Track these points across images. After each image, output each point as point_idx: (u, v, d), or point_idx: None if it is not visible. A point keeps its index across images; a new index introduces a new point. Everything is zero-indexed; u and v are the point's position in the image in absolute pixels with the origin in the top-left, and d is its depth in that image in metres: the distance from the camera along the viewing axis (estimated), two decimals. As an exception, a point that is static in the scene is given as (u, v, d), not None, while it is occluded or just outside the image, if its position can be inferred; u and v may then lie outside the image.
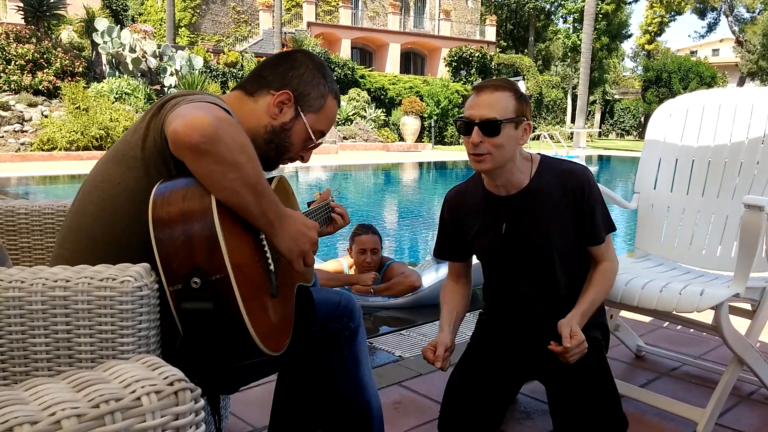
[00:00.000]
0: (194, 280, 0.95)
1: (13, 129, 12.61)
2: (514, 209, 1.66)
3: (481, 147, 1.54)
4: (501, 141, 1.53)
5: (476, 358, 1.74)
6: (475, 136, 1.53)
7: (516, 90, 1.58)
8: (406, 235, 6.77)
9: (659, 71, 30.99)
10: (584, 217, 1.64)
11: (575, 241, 1.67)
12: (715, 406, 1.81)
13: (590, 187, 1.64)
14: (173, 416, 0.64)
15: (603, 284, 1.67)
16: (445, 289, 1.83)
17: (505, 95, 1.55)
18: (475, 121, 1.54)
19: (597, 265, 1.70)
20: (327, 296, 1.37)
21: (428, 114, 20.89)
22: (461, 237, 1.77)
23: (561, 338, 1.52)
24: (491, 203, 1.70)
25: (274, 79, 1.25)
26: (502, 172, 1.61)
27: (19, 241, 1.59)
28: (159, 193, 0.99)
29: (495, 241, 1.69)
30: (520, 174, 1.64)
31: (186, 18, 25.74)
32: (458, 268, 1.83)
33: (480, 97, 1.56)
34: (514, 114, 1.55)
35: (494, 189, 1.68)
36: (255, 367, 1.29)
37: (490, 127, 1.52)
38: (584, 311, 1.59)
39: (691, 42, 50.68)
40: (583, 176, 1.65)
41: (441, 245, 1.84)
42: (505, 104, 1.54)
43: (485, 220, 1.71)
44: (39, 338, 0.92)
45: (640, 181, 2.44)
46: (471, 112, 1.55)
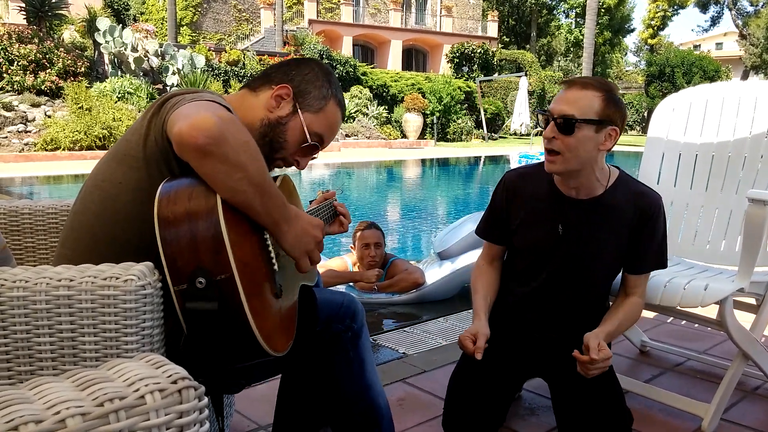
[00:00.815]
0: (199, 280, 0.95)
1: (17, 129, 12.65)
2: (578, 215, 1.61)
3: (553, 143, 1.49)
4: (575, 141, 1.47)
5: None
6: (549, 130, 1.49)
7: (608, 91, 1.49)
8: (409, 232, 6.77)
9: (662, 66, 30.86)
10: (640, 242, 1.60)
11: (618, 263, 1.65)
12: (720, 401, 1.81)
13: (659, 215, 1.61)
14: (177, 414, 0.64)
15: (631, 316, 1.65)
16: (479, 271, 1.76)
17: (593, 94, 1.47)
18: (553, 116, 1.49)
19: (627, 296, 1.66)
20: (330, 297, 1.36)
21: (430, 111, 20.85)
22: (508, 220, 1.71)
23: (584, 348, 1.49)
24: (556, 200, 1.63)
25: (277, 75, 1.26)
26: (576, 176, 1.55)
27: (23, 240, 1.59)
28: (164, 192, 0.99)
29: (548, 239, 1.63)
30: (596, 182, 1.58)
31: (187, 17, 25.76)
32: (495, 251, 1.77)
33: (567, 92, 1.50)
34: (597, 116, 1.47)
35: (564, 188, 1.62)
36: (259, 367, 1.29)
37: (566, 124, 1.46)
38: (610, 332, 1.56)
39: (695, 36, 50.52)
40: (657, 203, 1.61)
41: (486, 225, 1.77)
42: (589, 104, 1.46)
43: (542, 214, 1.65)
44: (43, 337, 0.93)
45: (643, 176, 2.43)
46: (553, 106, 1.50)
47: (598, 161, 1.55)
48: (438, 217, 7.87)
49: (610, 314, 1.62)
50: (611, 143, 1.52)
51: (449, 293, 3.69)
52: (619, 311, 1.63)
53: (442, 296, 3.66)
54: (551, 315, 1.68)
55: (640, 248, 1.61)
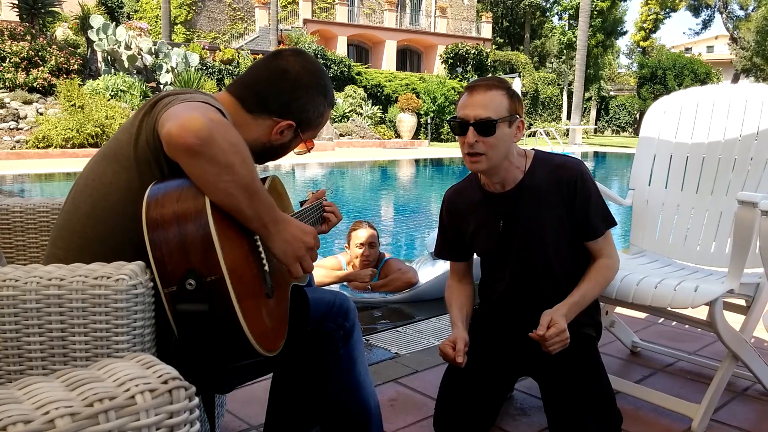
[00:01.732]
0: (189, 282, 0.95)
1: (9, 127, 12.56)
2: (510, 206, 1.67)
3: (476, 146, 1.54)
4: (495, 140, 1.54)
5: (471, 355, 1.74)
6: (471, 136, 1.53)
7: (508, 88, 1.59)
8: (403, 232, 6.78)
9: (654, 68, 31.03)
10: (578, 210, 1.63)
11: (571, 237, 1.67)
12: (710, 402, 1.82)
13: (583, 179, 1.63)
14: (167, 414, 0.64)
15: (597, 280, 1.65)
16: (450, 290, 1.82)
17: (498, 94, 1.55)
18: (469, 121, 1.53)
19: (593, 261, 1.69)
20: (321, 296, 1.37)
21: (424, 111, 20.88)
22: (460, 236, 1.77)
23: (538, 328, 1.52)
24: (488, 201, 1.70)
25: (276, 105, 1.23)
26: (498, 171, 1.62)
27: (14, 239, 1.58)
28: (152, 195, 0.99)
29: (493, 238, 1.69)
30: (515, 170, 1.65)
31: (182, 15, 25.66)
32: (460, 268, 1.83)
33: (473, 96, 1.56)
34: (508, 112, 1.55)
35: (490, 186, 1.69)
36: (250, 367, 1.29)
37: (486, 126, 1.52)
38: (573, 303, 1.58)
39: (686, 39, 50.82)
40: (576, 169, 1.64)
41: (441, 245, 1.84)
42: (499, 103, 1.54)
43: (483, 218, 1.71)
44: (33, 337, 0.92)
45: (634, 177, 2.44)
46: (465, 112, 1.55)
47: (512, 153, 1.62)
48: (431, 217, 7.88)
49: (578, 285, 1.64)
50: (521, 134, 1.62)
51: (442, 293, 3.63)
52: (583, 280, 1.65)
53: (435, 295, 3.67)
54: (528, 310, 1.69)
55: (581, 216, 1.64)
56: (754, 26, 34.44)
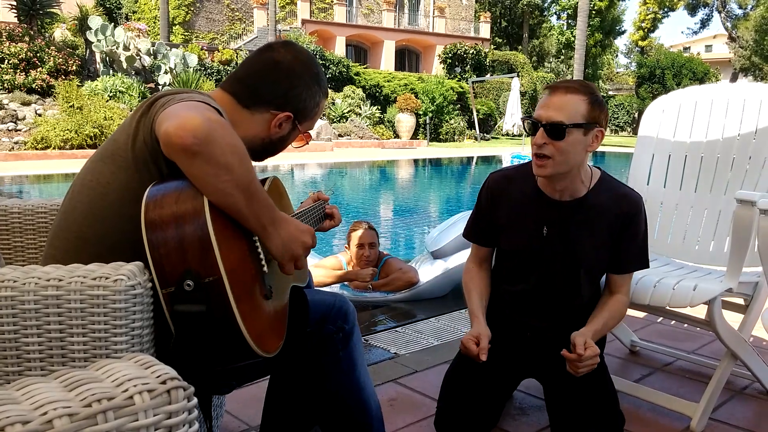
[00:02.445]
0: (187, 283, 0.94)
1: (7, 128, 12.54)
2: (562, 215, 1.63)
3: (544, 148, 1.51)
4: (565, 146, 1.49)
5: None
6: (539, 137, 1.50)
7: (591, 93, 1.52)
8: (402, 232, 6.78)
9: (653, 67, 31.05)
10: (622, 244, 1.62)
11: (604, 263, 1.66)
12: (708, 401, 1.82)
13: (640, 217, 1.63)
14: (166, 415, 0.64)
15: (617, 314, 1.66)
16: (470, 274, 1.77)
17: (577, 98, 1.50)
18: (541, 122, 1.51)
19: (612, 294, 1.68)
20: (321, 298, 1.36)
21: (423, 111, 20.87)
22: (494, 224, 1.72)
23: (571, 347, 1.51)
24: (540, 202, 1.65)
25: (273, 97, 1.23)
26: (563, 178, 1.57)
27: (12, 240, 1.58)
28: (151, 196, 0.99)
29: (533, 240, 1.65)
30: (580, 183, 1.61)
31: (180, 16, 25.64)
32: (484, 253, 1.78)
33: (552, 98, 1.52)
34: (584, 119, 1.50)
35: (548, 190, 1.64)
36: (249, 368, 1.28)
37: (556, 130, 1.49)
38: (597, 330, 1.58)
39: (684, 38, 50.84)
40: (637, 205, 1.63)
41: (473, 226, 1.78)
42: (576, 108, 1.49)
43: (527, 216, 1.66)
44: (32, 338, 0.92)
45: (633, 176, 2.44)
46: (540, 113, 1.52)
47: (584, 163, 1.58)
48: (430, 217, 7.88)
49: (596, 313, 1.64)
50: (597, 144, 1.55)
51: (442, 291, 3.69)
52: (604, 310, 1.64)
53: (435, 295, 3.67)
54: (542, 316, 1.68)
55: (622, 249, 1.63)
56: (752, 25, 34.49)
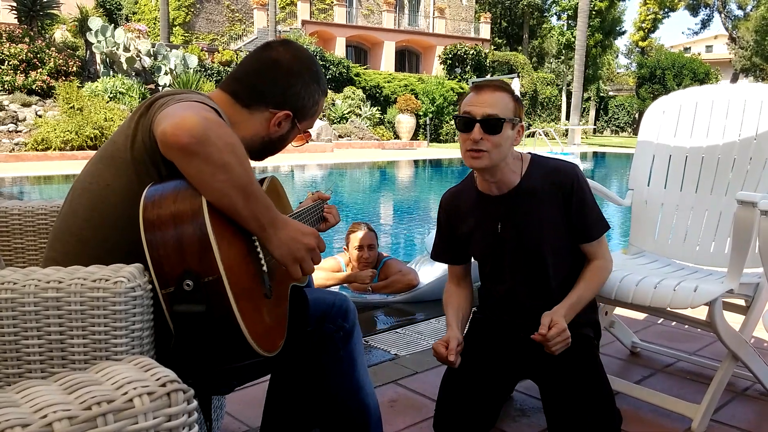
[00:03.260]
0: (186, 283, 0.94)
1: (7, 129, 12.56)
2: (507, 208, 1.68)
3: (481, 144, 1.56)
4: (499, 139, 1.56)
5: (470, 357, 1.74)
6: (477, 132, 1.55)
7: (512, 92, 1.61)
8: (402, 233, 6.78)
9: (653, 68, 31.07)
10: (574, 213, 1.66)
11: (568, 239, 1.68)
12: (710, 402, 1.82)
13: (578, 183, 1.66)
14: (166, 417, 0.64)
15: (593, 281, 1.68)
16: (448, 293, 1.83)
17: (505, 96, 1.59)
18: (476, 118, 1.55)
19: (588, 263, 1.71)
20: (321, 297, 1.36)
21: (423, 112, 20.89)
22: (457, 238, 1.78)
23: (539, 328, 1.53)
24: (485, 203, 1.71)
25: (271, 96, 1.23)
26: (496, 171, 1.63)
27: (13, 242, 1.58)
28: (149, 197, 0.98)
29: (490, 241, 1.70)
30: (512, 173, 1.66)
31: (180, 17, 25.66)
32: (458, 271, 1.84)
33: (481, 95, 1.58)
34: (513, 114, 1.58)
35: (487, 189, 1.70)
36: (250, 368, 1.28)
37: (493, 124, 1.55)
38: (571, 304, 1.60)
39: (685, 39, 50.89)
40: (571, 173, 1.67)
41: (439, 248, 1.85)
42: (506, 104, 1.57)
43: (480, 221, 1.72)
44: (32, 340, 0.92)
45: (633, 177, 2.44)
46: (473, 109, 1.57)
47: (510, 155, 1.64)
48: (431, 218, 7.88)
49: (574, 286, 1.66)
50: (520, 138, 1.65)
51: (442, 294, 3.69)
52: (579, 281, 1.67)
53: (435, 296, 3.66)
54: (527, 312, 1.69)
55: (577, 219, 1.66)
56: (752, 26, 34.49)
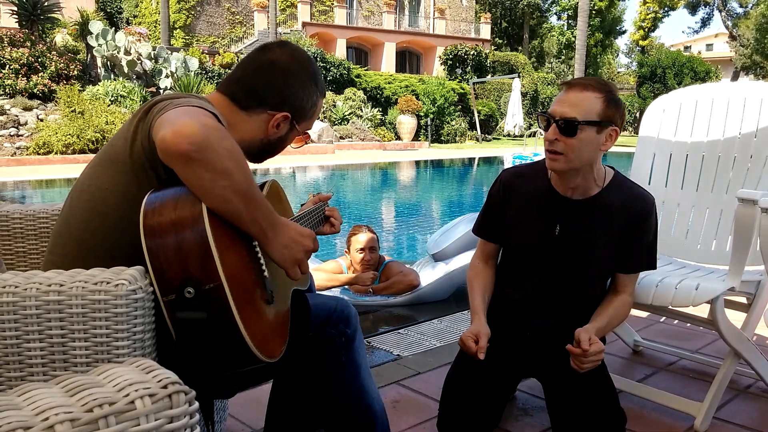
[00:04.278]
0: (188, 290, 0.94)
1: (9, 133, 12.58)
2: (575, 214, 1.62)
3: (555, 144, 1.51)
4: (577, 143, 1.49)
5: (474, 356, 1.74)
6: (551, 132, 1.50)
7: (608, 92, 1.51)
8: (403, 234, 6.78)
9: (654, 67, 31.01)
10: (632, 242, 1.62)
11: (613, 264, 1.66)
12: (712, 400, 1.81)
13: (651, 217, 1.62)
14: (167, 419, 0.64)
15: (621, 313, 1.65)
16: (475, 270, 1.75)
17: (594, 96, 1.49)
18: (554, 118, 1.50)
19: (617, 294, 1.67)
20: (323, 302, 1.36)
21: (424, 112, 20.88)
22: (503, 220, 1.71)
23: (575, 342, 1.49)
24: (552, 200, 1.64)
25: (269, 97, 1.23)
26: (576, 175, 1.57)
27: (14, 245, 1.58)
28: (149, 203, 0.98)
29: (544, 239, 1.65)
30: (593, 182, 1.60)
31: (180, 20, 25.68)
32: (490, 249, 1.77)
33: (568, 94, 1.52)
34: (599, 117, 1.49)
35: (561, 188, 1.63)
36: (252, 373, 1.28)
37: (567, 126, 1.48)
38: (600, 328, 1.57)
39: (685, 37, 50.86)
40: (649, 205, 1.62)
41: (483, 222, 1.77)
42: (591, 105, 1.48)
43: (539, 214, 1.66)
44: (34, 343, 0.92)
45: (634, 176, 2.43)
46: (554, 108, 1.52)
47: (597, 161, 1.57)
48: (432, 219, 7.88)
49: (600, 311, 1.63)
50: (611, 143, 1.54)
51: (444, 295, 3.69)
52: (609, 308, 1.64)
53: (436, 297, 3.67)
54: (545, 315, 1.68)
55: (631, 248, 1.63)
56: (753, 24, 34.43)
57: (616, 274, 1.68)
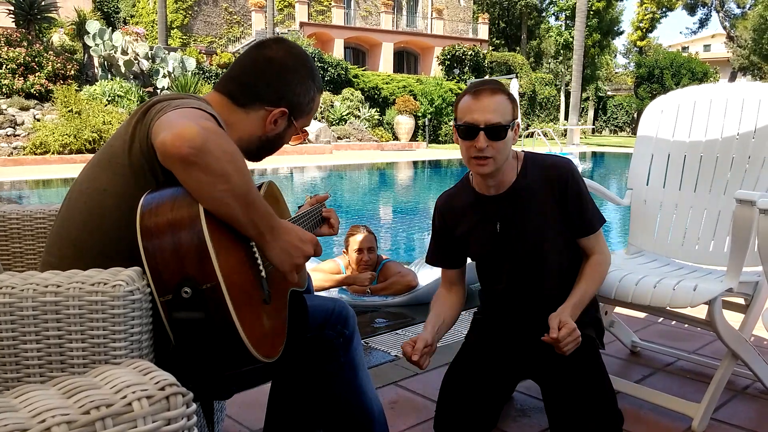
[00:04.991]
0: (185, 290, 0.94)
1: (6, 133, 12.55)
2: (505, 207, 1.67)
3: (486, 151, 1.55)
4: (504, 144, 1.56)
5: (471, 357, 1.74)
6: (482, 140, 1.53)
7: (508, 92, 1.61)
8: (401, 234, 6.78)
9: (651, 67, 31.11)
10: (571, 208, 1.65)
11: (566, 235, 1.68)
12: (710, 401, 1.82)
13: (573, 177, 1.66)
14: (165, 421, 0.64)
15: (594, 277, 1.67)
16: (436, 297, 1.82)
17: (503, 98, 1.57)
18: (480, 126, 1.54)
19: (588, 258, 1.70)
20: (321, 303, 1.36)
21: (422, 113, 20.90)
22: (454, 242, 1.77)
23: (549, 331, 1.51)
24: (482, 204, 1.71)
25: (266, 93, 1.23)
26: (498, 173, 1.63)
27: (11, 246, 1.58)
28: (146, 204, 0.98)
29: (490, 241, 1.70)
30: (510, 172, 1.66)
31: (178, 19, 25.66)
32: (451, 276, 1.83)
33: (481, 101, 1.55)
34: (512, 117, 1.58)
35: (484, 189, 1.69)
36: (250, 374, 1.28)
37: (497, 131, 1.53)
38: (575, 303, 1.60)
39: (683, 38, 50.95)
40: (566, 168, 1.67)
41: (434, 252, 1.84)
42: (505, 108, 1.56)
43: (477, 221, 1.72)
44: (30, 344, 0.92)
45: (632, 177, 2.44)
46: (474, 117, 1.55)
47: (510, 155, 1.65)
48: (430, 219, 7.88)
49: (574, 286, 1.65)
50: (517, 135, 1.64)
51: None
52: (580, 279, 1.66)
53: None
54: (528, 311, 1.69)
55: (575, 213, 1.66)
56: (750, 24, 34.52)
57: (578, 242, 1.70)
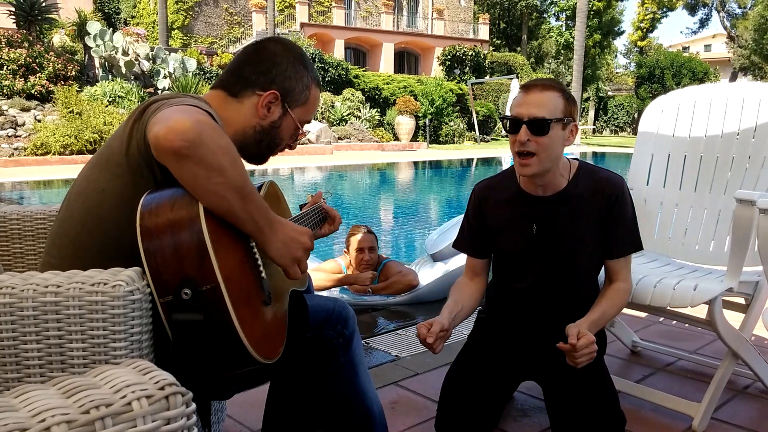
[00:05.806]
0: (185, 291, 0.94)
1: (7, 134, 12.56)
2: (548, 211, 1.64)
3: (528, 145, 1.52)
4: (548, 141, 1.52)
5: (473, 357, 1.74)
6: (523, 133, 1.52)
7: (564, 90, 1.57)
8: (402, 234, 6.78)
9: (652, 67, 31.08)
10: (609, 227, 1.63)
11: (599, 252, 1.66)
12: (710, 401, 1.82)
13: (624, 198, 1.63)
14: (164, 421, 0.64)
15: (615, 302, 1.64)
16: (457, 285, 1.77)
17: (554, 95, 1.54)
18: (523, 119, 1.52)
19: (612, 283, 1.67)
20: (321, 303, 1.36)
21: (423, 113, 20.89)
22: (485, 232, 1.73)
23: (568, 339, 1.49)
24: (524, 202, 1.67)
25: (257, 78, 1.23)
26: (545, 174, 1.59)
27: (11, 246, 1.58)
28: (146, 205, 0.98)
29: (524, 241, 1.66)
30: (560, 177, 1.63)
31: (179, 20, 25.67)
32: (475, 265, 1.79)
33: (529, 95, 1.55)
34: (563, 114, 1.54)
35: (531, 189, 1.66)
36: (250, 374, 1.28)
37: (539, 125, 1.51)
38: (594, 320, 1.56)
39: (684, 38, 50.92)
40: (619, 185, 1.64)
41: (463, 238, 1.79)
42: (555, 104, 1.53)
43: (515, 218, 1.68)
44: (31, 344, 0.92)
45: (633, 177, 2.44)
46: (519, 110, 1.54)
47: (561, 157, 1.62)
48: (430, 219, 7.88)
49: (595, 303, 1.64)
50: (573, 138, 1.60)
51: (443, 294, 3.67)
52: (602, 299, 1.64)
53: (435, 297, 3.67)
54: (540, 314, 1.68)
55: (612, 233, 1.64)
56: (751, 24, 34.49)
57: (605, 262, 1.68)
